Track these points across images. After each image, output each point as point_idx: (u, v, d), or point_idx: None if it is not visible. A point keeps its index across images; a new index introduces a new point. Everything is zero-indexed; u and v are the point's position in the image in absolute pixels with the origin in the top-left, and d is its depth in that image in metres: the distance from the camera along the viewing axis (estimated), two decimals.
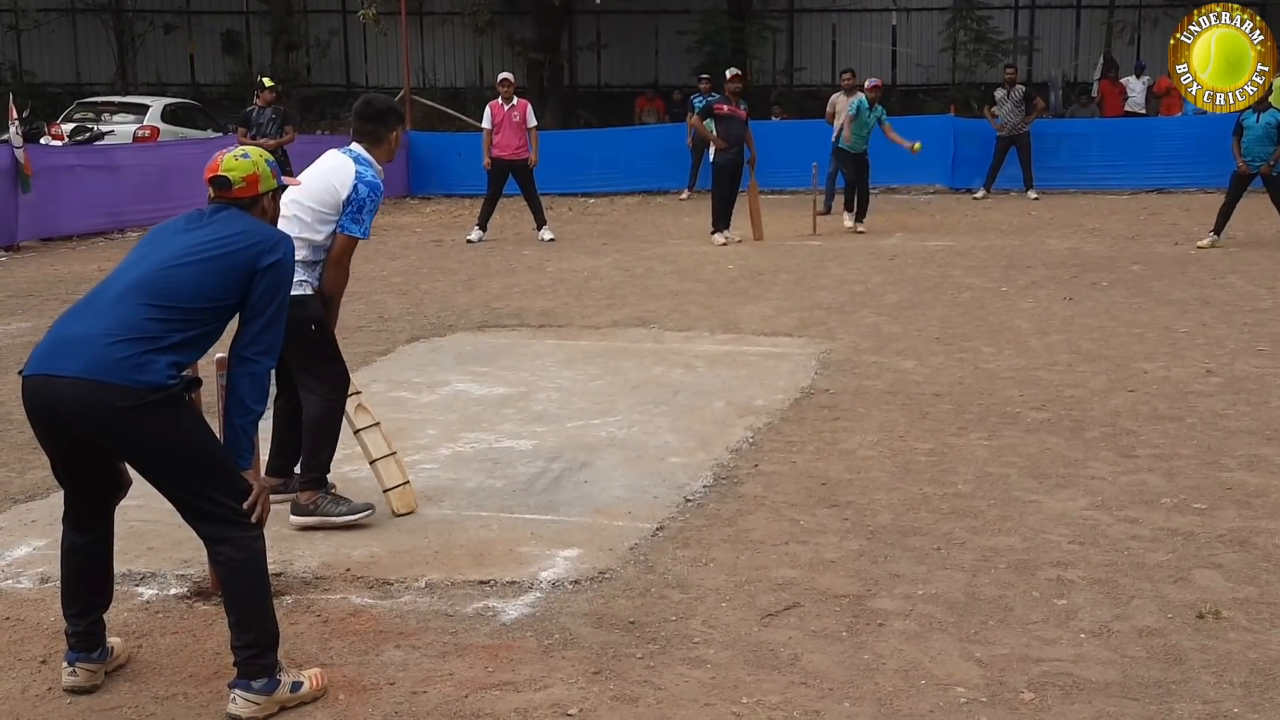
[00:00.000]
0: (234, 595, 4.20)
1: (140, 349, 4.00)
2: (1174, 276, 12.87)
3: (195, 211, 4.43)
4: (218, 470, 4.16)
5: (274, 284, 4.28)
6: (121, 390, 3.94)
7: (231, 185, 4.44)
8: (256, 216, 4.47)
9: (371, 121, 6.18)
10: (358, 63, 33.40)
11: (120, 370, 3.95)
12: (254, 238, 4.30)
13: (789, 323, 10.76)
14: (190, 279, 4.16)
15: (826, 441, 7.24)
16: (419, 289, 13.00)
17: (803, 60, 31.99)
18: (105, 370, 3.95)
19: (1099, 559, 5.41)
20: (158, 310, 4.09)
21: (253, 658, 4.17)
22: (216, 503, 4.14)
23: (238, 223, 4.35)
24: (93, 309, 4.14)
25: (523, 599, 5.07)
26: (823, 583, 5.19)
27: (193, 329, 4.14)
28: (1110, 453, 6.95)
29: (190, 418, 4.14)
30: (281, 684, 4.20)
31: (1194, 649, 4.54)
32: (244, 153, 4.52)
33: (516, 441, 7.36)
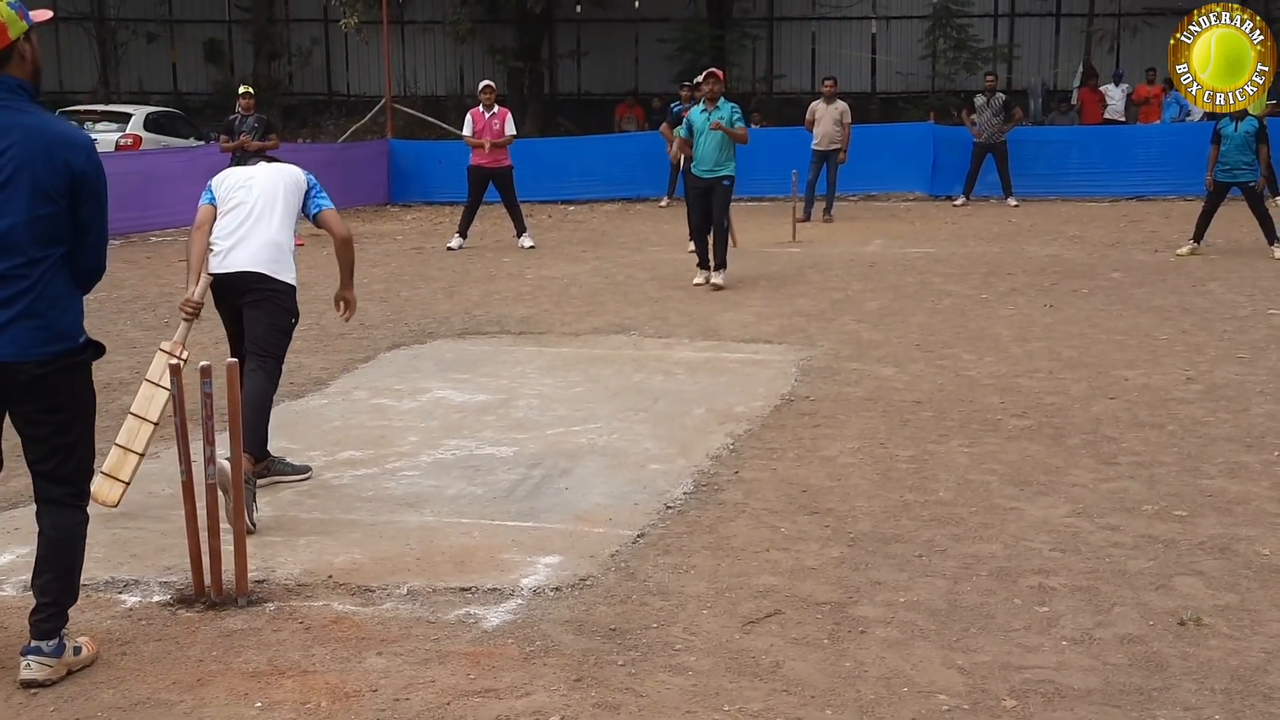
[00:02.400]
0: (59, 558, 4.47)
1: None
2: (1154, 284, 12.92)
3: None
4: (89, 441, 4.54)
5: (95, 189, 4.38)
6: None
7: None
8: (16, 68, 4.24)
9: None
10: (339, 71, 33.33)
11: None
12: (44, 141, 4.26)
13: (769, 330, 10.78)
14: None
15: (807, 448, 7.25)
16: (400, 296, 12.99)
17: (782, 68, 32.02)
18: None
19: (1080, 566, 5.43)
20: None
21: (51, 617, 4.42)
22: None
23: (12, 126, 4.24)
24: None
25: (504, 606, 5.06)
26: (804, 590, 5.19)
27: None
28: (1091, 460, 6.98)
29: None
30: (67, 648, 4.42)
31: (1175, 656, 4.56)
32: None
33: (497, 448, 7.36)
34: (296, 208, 6.72)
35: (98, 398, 4.67)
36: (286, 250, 6.61)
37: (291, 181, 6.74)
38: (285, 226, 6.62)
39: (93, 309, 12.15)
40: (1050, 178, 22.28)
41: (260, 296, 6.51)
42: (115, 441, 6.35)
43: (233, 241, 6.53)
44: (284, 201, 6.65)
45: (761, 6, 32.01)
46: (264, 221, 6.57)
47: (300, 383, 9.04)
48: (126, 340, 10.66)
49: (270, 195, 6.64)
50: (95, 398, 4.63)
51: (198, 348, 9.56)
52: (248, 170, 6.84)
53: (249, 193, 6.65)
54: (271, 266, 6.53)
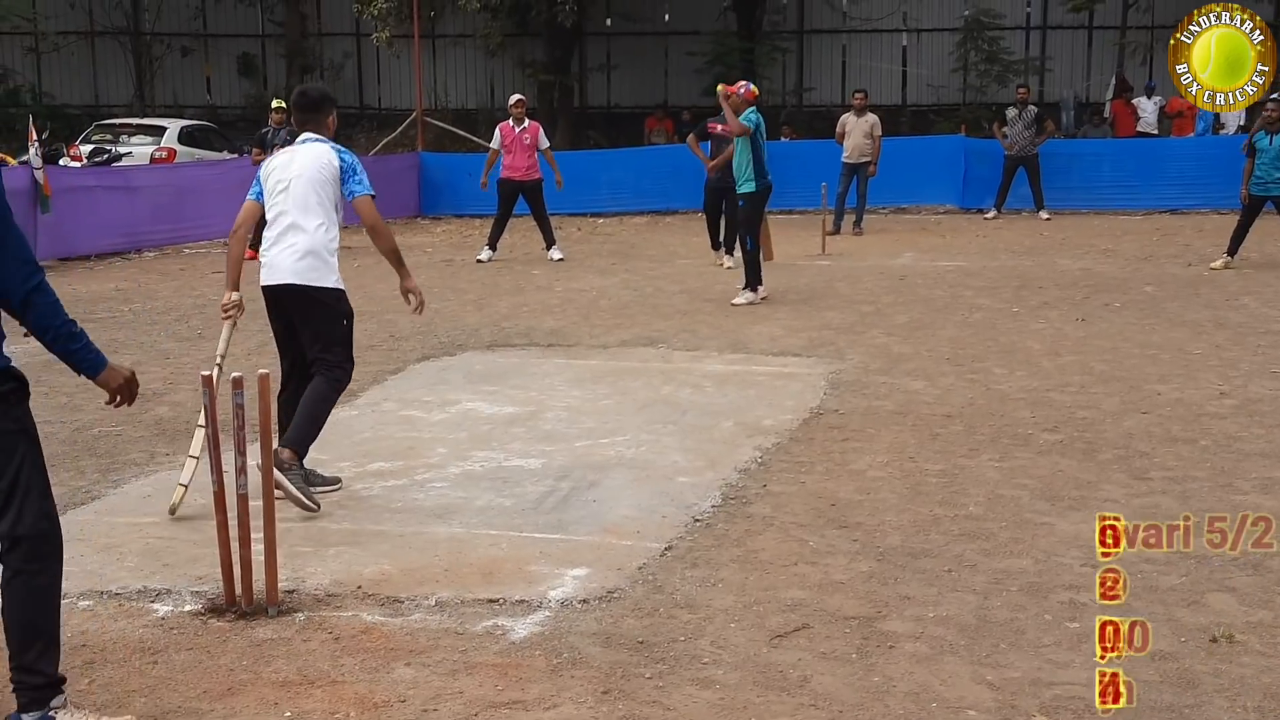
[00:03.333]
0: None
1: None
2: (1187, 298, 12.85)
3: None
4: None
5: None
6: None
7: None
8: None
9: (310, 110, 6.89)
10: (371, 84, 33.49)
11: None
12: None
13: (798, 343, 10.76)
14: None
15: (836, 462, 7.24)
16: (429, 308, 12.96)
17: (813, 80, 32.03)
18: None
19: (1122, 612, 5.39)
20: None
21: (38, 687, 4.07)
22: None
23: None
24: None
25: (532, 617, 5.07)
26: (832, 604, 5.18)
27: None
28: (1123, 475, 6.94)
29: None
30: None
31: (1207, 673, 4.53)
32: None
33: (525, 460, 7.37)
34: (333, 198, 6.74)
35: (136, 406, 4.53)
36: (326, 254, 6.69)
37: (326, 176, 6.70)
38: (321, 228, 6.67)
39: (126, 320, 12.28)
40: (1082, 191, 22.18)
41: (308, 309, 6.71)
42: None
43: (274, 253, 6.70)
44: (318, 199, 6.68)
45: (792, 19, 32.03)
46: (299, 230, 6.66)
47: None
48: (160, 351, 10.72)
49: (303, 197, 6.66)
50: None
51: (230, 359, 9.61)
52: (286, 158, 6.81)
53: (286, 197, 6.70)
54: (311, 276, 6.65)
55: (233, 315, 6.75)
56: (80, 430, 8.16)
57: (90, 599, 5.32)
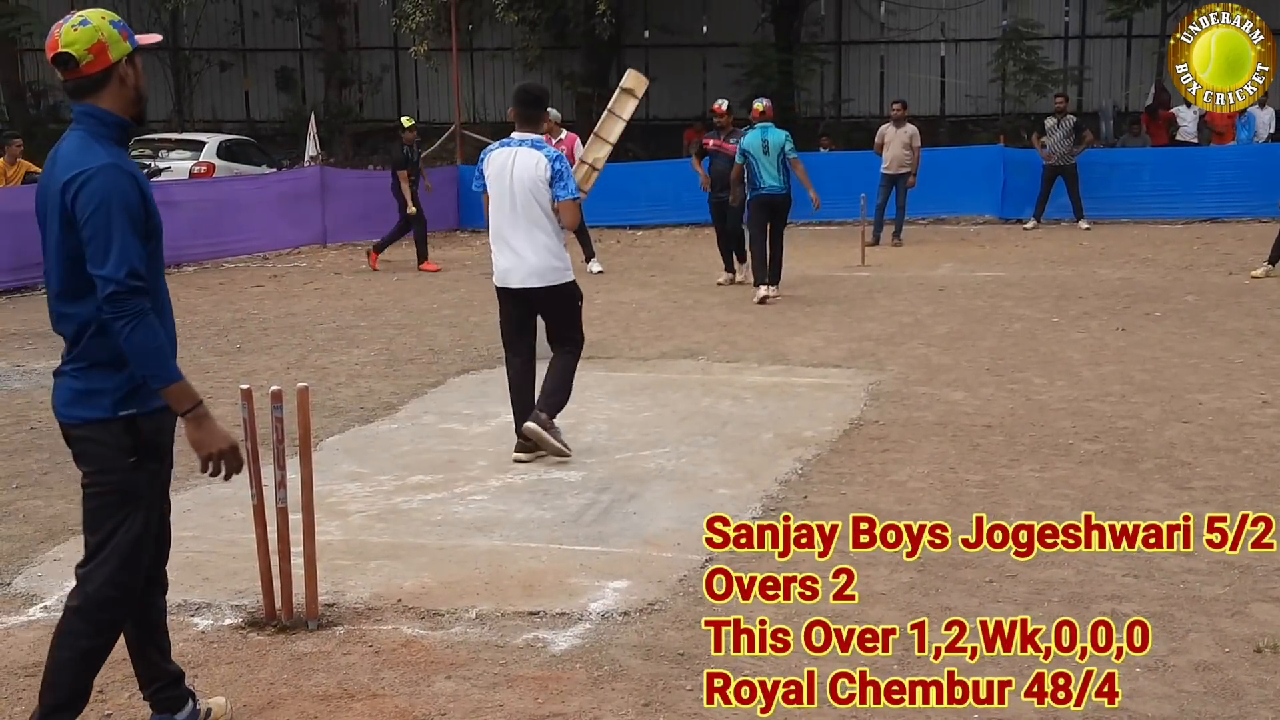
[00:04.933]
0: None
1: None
2: (1229, 307, 12.76)
3: (50, 162, 3.89)
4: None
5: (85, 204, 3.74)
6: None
7: (78, 62, 3.80)
8: (112, 95, 3.88)
9: (530, 107, 7.62)
10: (409, 98, 33.67)
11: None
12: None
13: (838, 354, 10.74)
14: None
15: (876, 473, 7.21)
16: (469, 321, 13.06)
17: (851, 92, 32.02)
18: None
19: (1154, 592, 5.36)
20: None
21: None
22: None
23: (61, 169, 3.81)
24: None
25: (572, 630, 5.07)
26: (873, 615, 5.16)
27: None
28: (1165, 485, 6.89)
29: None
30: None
31: (1251, 684, 4.49)
32: (84, 19, 3.82)
33: (566, 473, 7.38)
34: (549, 200, 7.45)
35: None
36: (559, 250, 7.55)
37: (539, 183, 7.41)
38: (548, 229, 7.48)
39: None
40: (1122, 200, 22.04)
41: (550, 304, 7.66)
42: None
43: (507, 255, 7.57)
44: (538, 204, 7.44)
45: (830, 30, 32.02)
46: (528, 233, 7.48)
47: (371, 407, 9.11)
48: (199, 366, 10.78)
49: (526, 203, 7.45)
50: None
51: (269, 373, 9.69)
52: (507, 160, 7.50)
53: (513, 205, 7.47)
54: (551, 276, 7.55)
55: None
56: None
57: None
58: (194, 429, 3.84)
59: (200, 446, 3.87)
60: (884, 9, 31.76)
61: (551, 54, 30.05)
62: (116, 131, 3.90)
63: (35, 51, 33.06)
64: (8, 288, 15.72)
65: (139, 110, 3.97)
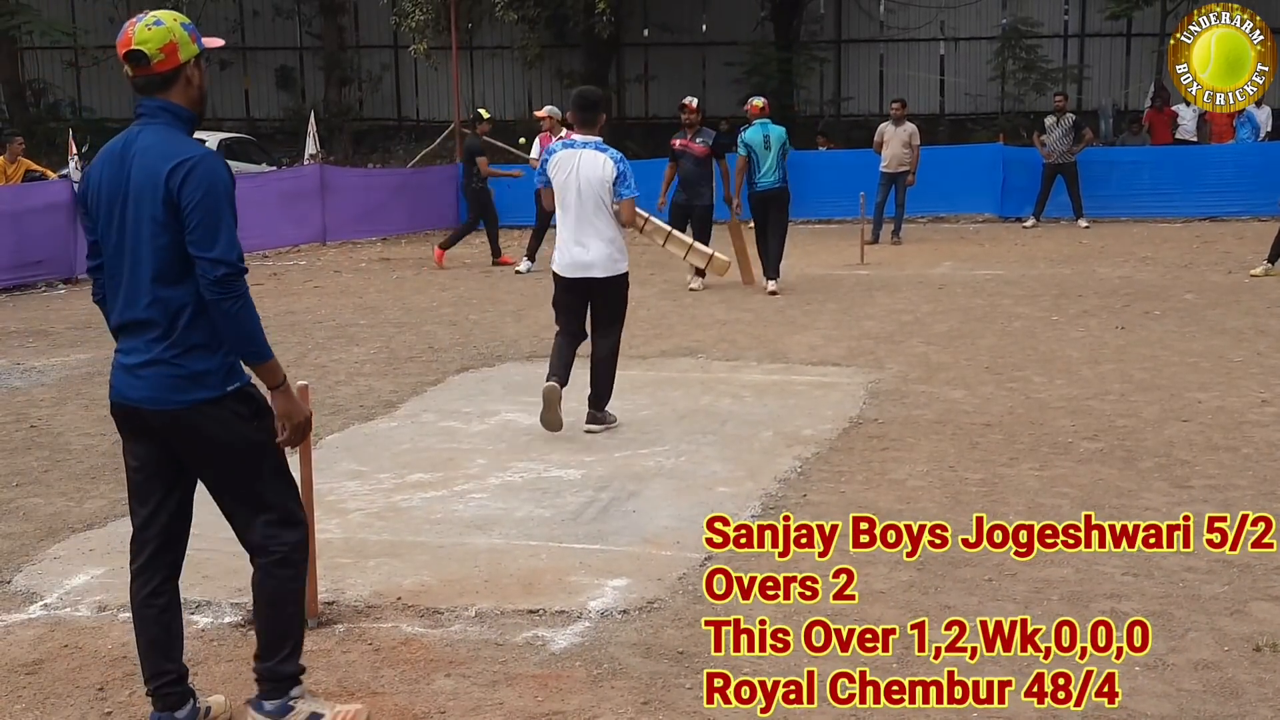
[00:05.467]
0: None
1: None
2: (1228, 305, 12.76)
3: (115, 153, 4.03)
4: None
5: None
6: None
7: (149, 60, 3.98)
8: (181, 93, 4.06)
9: (588, 111, 8.27)
10: (409, 97, 33.69)
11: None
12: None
13: (837, 352, 10.74)
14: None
15: (875, 472, 7.22)
16: (468, 319, 13.07)
17: (850, 90, 32.01)
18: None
19: (1154, 591, 5.36)
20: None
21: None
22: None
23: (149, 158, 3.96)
24: None
25: (572, 628, 5.07)
26: (872, 614, 5.16)
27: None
28: (1164, 484, 6.89)
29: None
30: (296, 710, 4.21)
31: (1251, 682, 4.49)
32: (157, 19, 4.01)
33: (565, 471, 7.38)
34: (611, 196, 8.10)
35: None
36: (618, 244, 8.19)
37: (605, 184, 8.09)
38: (611, 225, 8.14)
39: None
40: (1121, 198, 22.04)
41: (604, 292, 8.27)
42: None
43: (575, 250, 8.16)
44: (602, 202, 8.09)
45: (829, 29, 32.01)
46: (593, 228, 8.10)
47: (370, 405, 9.11)
48: None
49: (591, 200, 8.08)
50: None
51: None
52: (572, 159, 8.13)
53: (579, 200, 8.10)
54: (609, 267, 8.17)
55: None
56: (120, 442, 8.19)
57: (130, 611, 5.34)
58: (284, 401, 4.10)
59: (290, 416, 4.11)
60: (883, 7, 31.75)
61: (551, 52, 30.06)
62: (189, 126, 4.09)
63: (35, 50, 33.12)
64: (8, 285, 15.70)
65: (202, 109, 4.15)
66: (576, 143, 8.22)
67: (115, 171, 4.00)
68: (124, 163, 3.99)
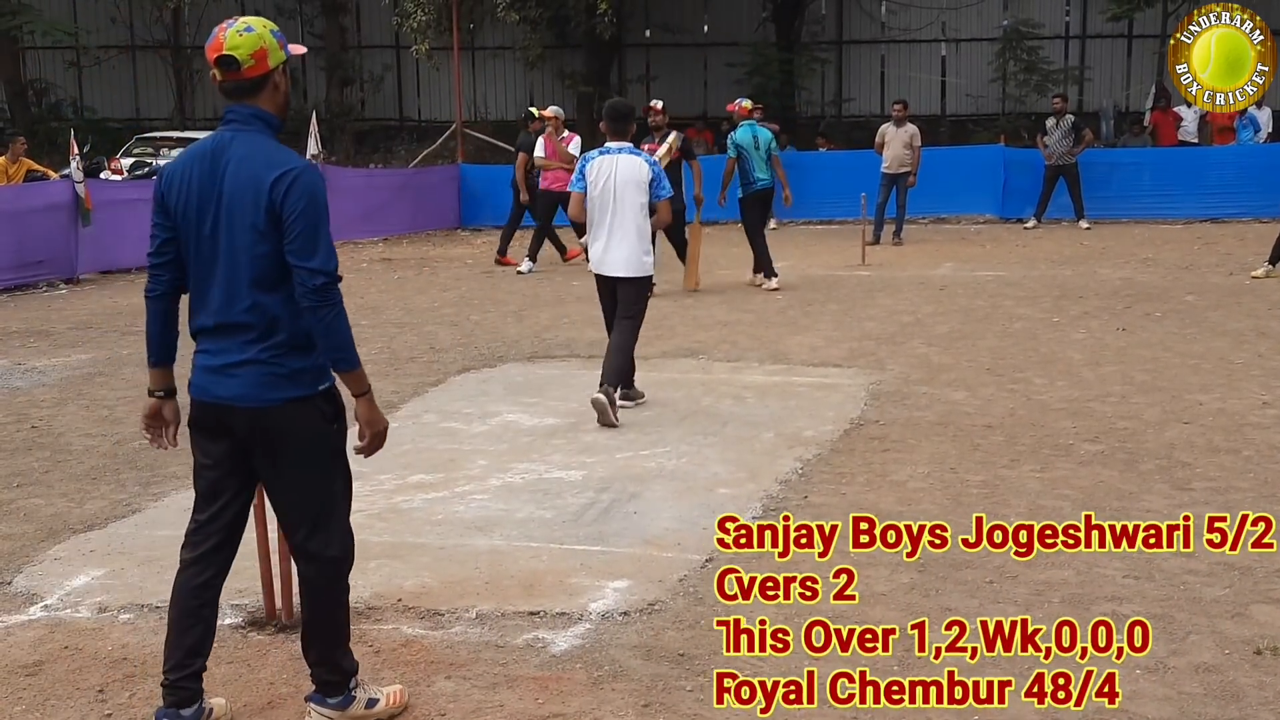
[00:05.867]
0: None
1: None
2: (1229, 307, 12.76)
3: (206, 155, 4.09)
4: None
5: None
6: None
7: (240, 65, 4.07)
8: (269, 98, 4.15)
9: (620, 121, 8.86)
10: (410, 97, 33.68)
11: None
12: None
13: (838, 353, 10.74)
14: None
15: (876, 473, 7.21)
16: (470, 320, 13.06)
17: (852, 91, 32.00)
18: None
19: (1155, 593, 5.36)
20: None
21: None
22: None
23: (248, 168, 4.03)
24: None
25: (572, 630, 5.07)
26: (873, 616, 5.16)
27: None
28: (1165, 485, 6.89)
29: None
30: (356, 700, 4.31)
31: (1252, 686, 4.49)
32: (247, 25, 4.12)
33: (566, 472, 7.38)
34: (646, 201, 8.66)
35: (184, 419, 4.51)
36: (646, 246, 8.74)
37: (641, 186, 8.64)
38: (642, 226, 8.66)
39: None
40: (1123, 200, 22.06)
41: (629, 286, 8.78)
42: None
43: (605, 247, 8.72)
44: (637, 204, 8.63)
45: (831, 30, 32.00)
46: (626, 229, 8.62)
47: None
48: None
49: (627, 202, 8.62)
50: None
51: None
52: (610, 165, 8.66)
53: (617, 203, 8.62)
54: (636, 267, 8.72)
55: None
56: (121, 443, 8.22)
57: (131, 612, 5.35)
58: (368, 409, 4.18)
59: (371, 425, 4.19)
60: (885, 8, 31.75)
61: (553, 53, 30.04)
62: (277, 132, 4.18)
63: (37, 50, 33.11)
64: (9, 285, 15.71)
65: (286, 115, 4.25)
66: (611, 149, 8.75)
67: (206, 176, 4.07)
68: (216, 168, 4.06)
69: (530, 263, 17.05)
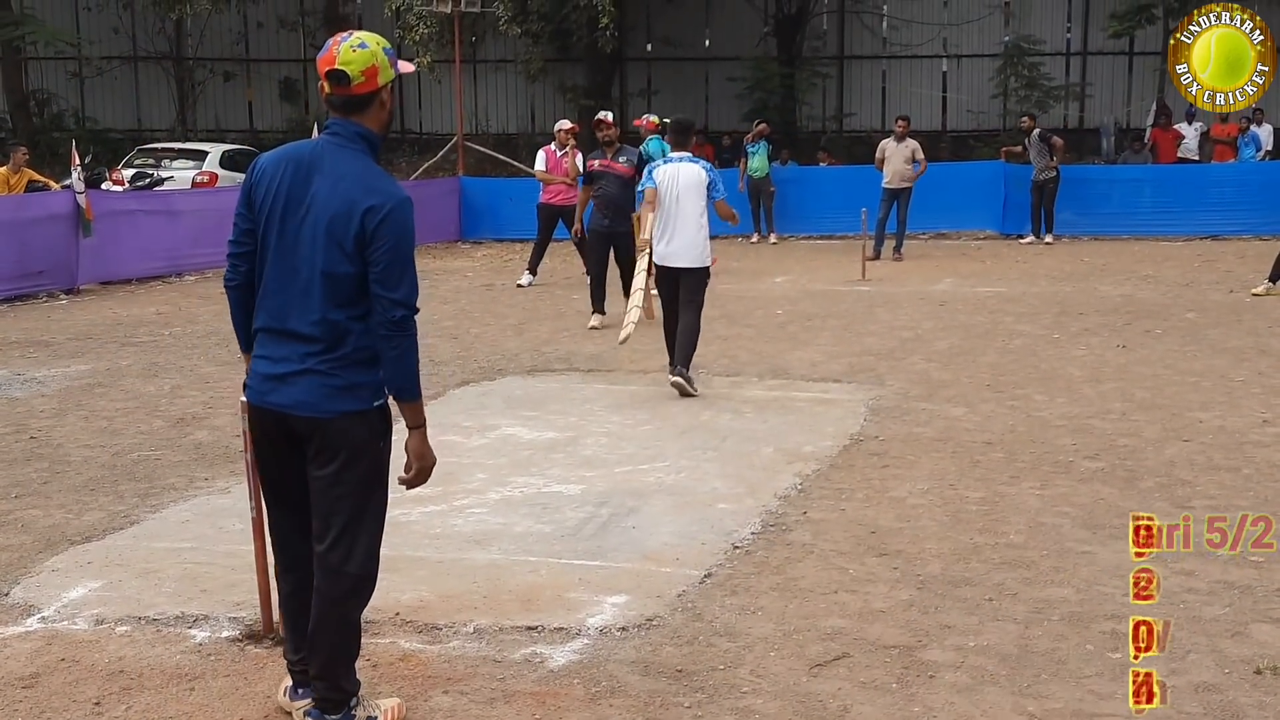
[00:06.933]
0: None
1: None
2: (1229, 324, 12.75)
3: (303, 161, 4.11)
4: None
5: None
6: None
7: (350, 81, 4.07)
8: (374, 115, 4.18)
9: (683, 134, 10.25)
10: (412, 109, 33.70)
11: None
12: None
13: (838, 368, 10.73)
14: None
15: (876, 489, 7.20)
16: (469, 333, 13.06)
17: (852, 106, 32.03)
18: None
19: (1155, 613, 5.34)
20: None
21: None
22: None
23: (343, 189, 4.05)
24: None
25: (570, 645, 5.06)
26: (872, 633, 5.15)
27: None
28: (1165, 503, 6.87)
29: None
30: (355, 718, 4.29)
31: (1251, 705, 4.48)
32: (361, 42, 4.10)
33: (565, 486, 7.37)
34: (705, 202, 9.84)
35: (176, 430, 4.56)
36: (704, 242, 9.87)
37: (701, 188, 9.83)
38: (701, 224, 9.81)
39: (166, 344, 12.35)
40: (1123, 217, 22.10)
41: (691, 276, 9.90)
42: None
43: (667, 240, 9.86)
44: (697, 205, 9.80)
45: (832, 45, 32.04)
46: (686, 227, 9.78)
47: None
48: (200, 376, 10.78)
49: (690, 202, 9.78)
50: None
51: None
52: (674, 171, 9.87)
53: (678, 205, 9.78)
54: (695, 259, 9.87)
55: (643, 250, 10.26)
56: (120, 454, 8.21)
57: (128, 624, 5.34)
58: (420, 441, 4.32)
59: (422, 458, 4.34)
60: (886, 24, 31.79)
61: (554, 66, 30.09)
62: (377, 151, 4.20)
63: (39, 60, 33.17)
64: (9, 295, 15.70)
65: (387, 132, 4.30)
66: (674, 158, 10.00)
67: (300, 182, 4.08)
68: (310, 176, 4.08)
69: (530, 276, 17.04)
